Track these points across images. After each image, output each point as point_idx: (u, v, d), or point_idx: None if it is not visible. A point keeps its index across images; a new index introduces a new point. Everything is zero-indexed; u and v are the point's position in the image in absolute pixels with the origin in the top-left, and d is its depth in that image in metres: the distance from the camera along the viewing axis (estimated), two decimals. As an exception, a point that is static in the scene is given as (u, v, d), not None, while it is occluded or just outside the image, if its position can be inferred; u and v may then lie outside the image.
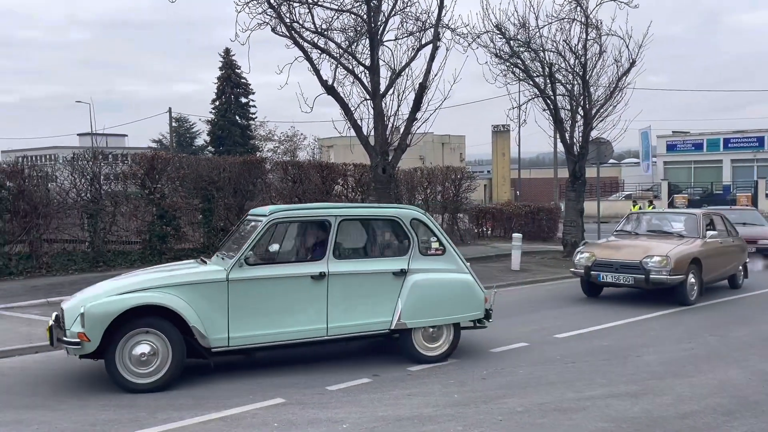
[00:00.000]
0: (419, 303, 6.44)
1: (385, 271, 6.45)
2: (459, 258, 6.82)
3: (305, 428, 4.77)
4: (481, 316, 6.79)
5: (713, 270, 10.34)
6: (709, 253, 10.15)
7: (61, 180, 11.98)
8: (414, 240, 6.58)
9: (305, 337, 6.15)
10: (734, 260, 11.31)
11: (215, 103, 49.48)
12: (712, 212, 11.77)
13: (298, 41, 11.45)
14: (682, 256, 9.59)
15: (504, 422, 4.87)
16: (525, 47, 15.26)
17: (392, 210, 6.84)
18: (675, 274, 9.38)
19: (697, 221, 10.65)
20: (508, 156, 44.03)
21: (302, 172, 15.63)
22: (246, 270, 5.96)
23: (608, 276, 9.81)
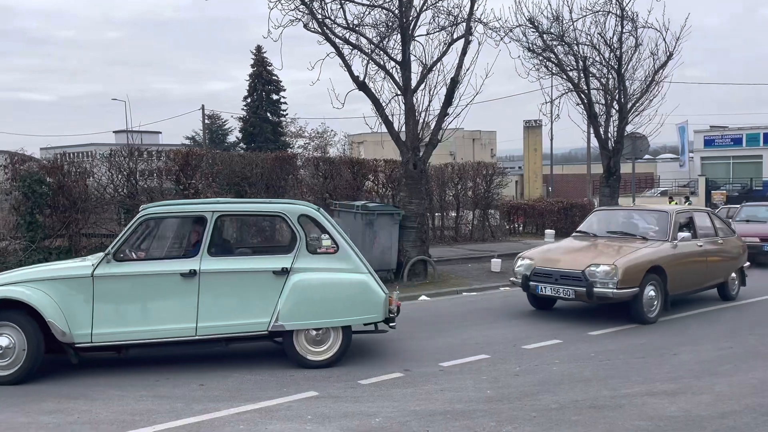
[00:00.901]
0: (300, 304, 6.07)
1: (264, 269, 6.12)
2: (356, 257, 6.38)
3: (338, 421, 4.80)
4: (379, 319, 6.29)
5: (685, 279, 8.79)
6: (679, 260, 8.62)
7: (99, 176, 12.25)
8: (301, 237, 6.24)
9: (173, 337, 5.96)
10: (723, 266, 9.64)
11: (247, 100, 49.91)
12: (695, 210, 10.12)
13: (330, 37, 11.48)
14: (634, 264, 8.02)
15: (538, 419, 4.83)
16: (558, 41, 15.03)
17: (278, 206, 6.51)
18: (624, 287, 7.80)
19: (666, 221, 8.99)
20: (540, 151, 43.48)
21: (333, 168, 15.70)
22: (113, 266, 5.90)
23: (547, 288, 8.39)
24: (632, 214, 9.87)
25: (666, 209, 9.50)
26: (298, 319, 6.09)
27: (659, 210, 9.61)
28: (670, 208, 9.54)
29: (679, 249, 8.70)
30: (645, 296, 8.12)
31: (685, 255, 8.78)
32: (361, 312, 6.27)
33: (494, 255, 13.68)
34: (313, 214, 6.41)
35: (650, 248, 8.49)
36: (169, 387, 5.64)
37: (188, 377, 5.91)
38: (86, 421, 4.79)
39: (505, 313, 9.08)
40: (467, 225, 18.59)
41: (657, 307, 8.28)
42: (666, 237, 8.78)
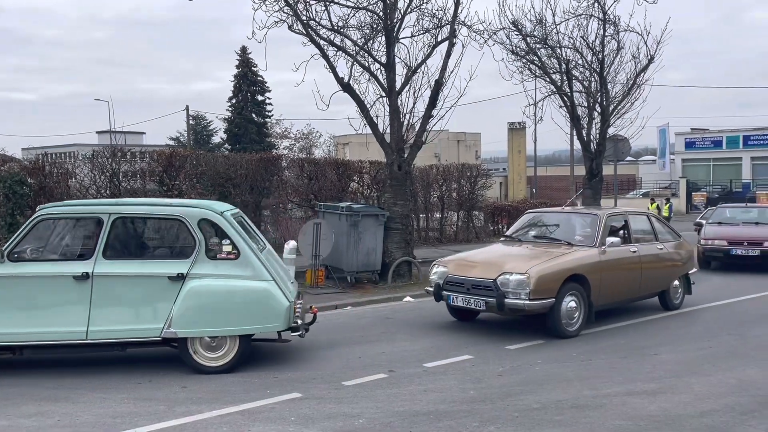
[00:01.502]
0: (194, 311, 5.93)
1: (160, 274, 5.97)
2: (259, 264, 6.14)
3: (322, 422, 4.81)
4: (279, 328, 6.10)
5: (615, 288, 8.14)
6: (608, 267, 7.95)
7: (81, 177, 12.14)
8: (200, 242, 6.06)
9: (63, 340, 5.88)
10: (662, 273, 9.00)
11: (232, 101, 49.75)
12: (632, 213, 9.36)
13: (315, 39, 11.47)
14: (550, 272, 7.35)
15: (520, 419, 4.87)
16: (541, 44, 15.14)
17: (177, 209, 6.28)
18: (538, 298, 7.16)
19: (595, 225, 8.30)
20: (524, 153, 43.77)
21: (318, 170, 15.68)
22: (7, 267, 5.87)
23: (459, 298, 7.73)
24: (562, 218, 9.13)
25: (597, 212, 8.70)
26: (191, 326, 5.94)
27: (589, 213, 8.88)
28: (601, 211, 8.75)
29: (608, 255, 8.01)
30: (563, 308, 7.42)
31: (614, 262, 8.09)
32: (258, 321, 6.07)
33: (478, 256, 13.73)
34: (214, 218, 6.17)
35: (572, 255, 7.83)
36: (151, 389, 5.62)
37: (171, 379, 5.89)
38: (67, 424, 4.75)
39: (489, 314, 9.11)
40: (452, 226, 18.66)
41: (579, 319, 7.56)
42: (593, 242, 8.08)
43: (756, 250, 13.28)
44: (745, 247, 13.42)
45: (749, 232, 13.87)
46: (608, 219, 8.50)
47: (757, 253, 13.24)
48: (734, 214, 15.35)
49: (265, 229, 15.22)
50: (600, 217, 8.43)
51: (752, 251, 13.32)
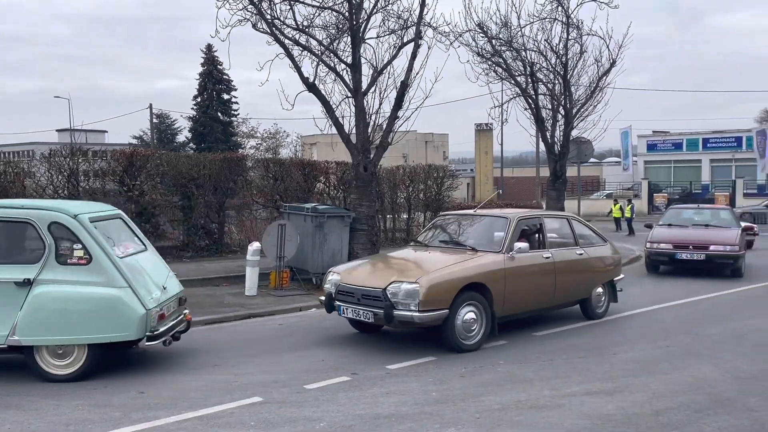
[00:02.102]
0: (38, 318, 5.71)
1: (6, 279, 5.74)
2: (114, 270, 5.88)
3: (282, 427, 4.75)
4: (132, 337, 5.84)
5: (524, 297, 7.59)
6: (515, 275, 7.37)
7: (38, 176, 11.81)
8: (50, 246, 5.83)
9: None
10: (582, 280, 8.45)
11: (197, 100, 49.07)
12: (549, 215, 8.93)
13: (279, 38, 11.36)
14: (443, 281, 6.74)
15: (481, 420, 4.90)
16: (507, 46, 15.31)
17: (26, 211, 5.98)
18: (428, 309, 6.55)
19: (504, 229, 7.72)
20: (491, 154, 44.23)
21: (284, 170, 15.56)
22: None
23: (349, 309, 7.10)
24: (474, 222, 8.44)
25: (507, 215, 8.08)
26: (35, 334, 5.72)
27: (499, 216, 8.18)
28: (512, 214, 8.13)
29: (516, 262, 7.43)
30: (459, 320, 6.83)
31: (522, 269, 7.50)
32: (107, 329, 5.81)
33: (444, 257, 13.78)
34: (66, 221, 5.90)
35: (473, 262, 7.22)
36: (107, 395, 5.48)
37: (128, 385, 5.76)
38: (17, 432, 4.61)
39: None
40: (419, 227, 18.71)
41: (479, 332, 7.00)
42: (500, 248, 7.48)
43: (701, 255, 12.71)
44: (690, 251, 12.84)
45: (696, 235, 13.31)
46: (519, 223, 7.91)
47: (702, 258, 12.70)
48: (686, 215, 14.81)
49: (229, 230, 15.05)
50: (510, 220, 7.82)
51: (698, 255, 12.74)
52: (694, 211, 15.09)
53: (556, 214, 9.77)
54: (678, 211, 15.31)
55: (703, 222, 14.08)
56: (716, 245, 12.76)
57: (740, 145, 43.62)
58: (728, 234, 13.19)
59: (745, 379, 6.00)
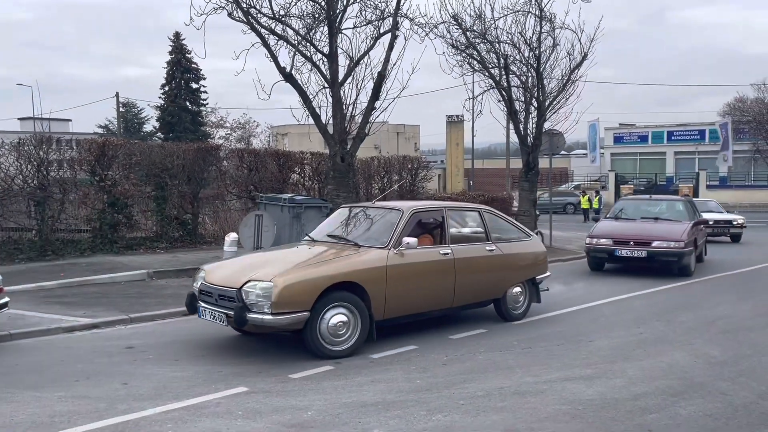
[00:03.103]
0: None
1: None
2: None
3: (270, 416, 4.77)
4: None
5: (411, 298, 6.87)
6: (399, 273, 6.66)
7: (6, 166, 11.51)
8: None
9: None
10: (491, 278, 7.71)
11: (165, 89, 48.24)
12: (453, 208, 8.01)
13: (255, 27, 11.28)
14: (303, 281, 6.07)
15: (466, 406, 4.99)
16: (481, 38, 15.44)
17: None
18: (283, 312, 5.91)
19: (393, 222, 7.03)
20: (461, 146, 44.51)
21: (258, 160, 15.46)
22: None
23: (207, 311, 6.42)
24: (368, 214, 7.67)
25: (400, 207, 7.37)
26: None
27: (392, 209, 7.43)
28: (406, 206, 7.39)
29: (405, 259, 6.76)
30: (324, 324, 6.16)
31: (412, 267, 6.82)
32: None
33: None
34: None
35: (346, 259, 6.56)
36: (90, 386, 5.42)
37: (111, 376, 5.70)
38: (1, 424, 4.53)
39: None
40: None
41: (351, 337, 6.33)
42: (385, 243, 6.79)
43: (642, 251, 11.54)
44: (630, 247, 11.70)
45: (639, 229, 12.14)
46: (413, 216, 7.21)
47: (643, 255, 11.54)
48: (636, 207, 13.53)
49: (203, 221, 14.90)
50: (402, 213, 7.11)
51: (638, 252, 11.58)
52: (646, 203, 13.87)
53: (465, 206, 8.75)
54: (628, 203, 14.05)
55: (655, 215, 12.97)
56: (660, 241, 11.58)
57: (703, 138, 44.82)
58: (675, 229, 11.95)
59: (715, 364, 6.23)
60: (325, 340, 6.22)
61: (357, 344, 6.41)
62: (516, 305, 8.15)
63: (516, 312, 8.13)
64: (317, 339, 6.18)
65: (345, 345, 6.33)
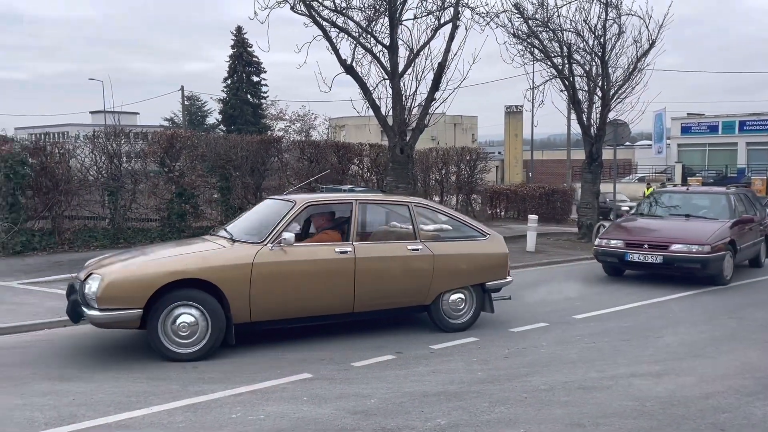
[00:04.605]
0: None
1: None
2: None
3: (335, 402, 4.87)
4: None
5: (289, 300, 6.24)
6: (271, 272, 6.08)
7: (82, 157, 12.09)
8: None
9: None
10: (417, 283, 6.84)
11: (227, 82, 49.44)
12: (376, 201, 7.24)
13: (317, 20, 11.42)
14: (132, 276, 5.69)
15: (529, 399, 4.95)
16: (543, 27, 15.14)
17: None
18: (109, 308, 5.55)
19: (281, 215, 6.41)
20: (520, 137, 43.79)
21: (319, 152, 15.67)
22: None
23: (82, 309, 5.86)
24: (267, 207, 7.13)
25: (295, 198, 6.67)
26: None
27: (285, 200, 6.81)
28: (301, 198, 6.68)
29: (286, 256, 6.18)
30: (169, 323, 5.76)
31: (290, 265, 6.19)
32: None
33: (478, 239, 13.80)
34: None
35: (199, 254, 6.15)
36: (163, 369, 5.65)
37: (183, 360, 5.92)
38: (83, 402, 4.79)
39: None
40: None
41: (200, 339, 5.86)
42: (262, 238, 6.22)
43: (658, 256, 9.80)
44: (644, 251, 9.97)
45: (661, 229, 10.47)
46: (306, 209, 6.61)
47: (658, 260, 9.82)
48: (669, 201, 11.71)
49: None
50: (294, 205, 6.49)
51: (653, 257, 9.85)
52: (681, 197, 11.98)
53: (390, 199, 7.63)
54: (661, 197, 12.14)
55: (686, 211, 11.14)
56: (680, 244, 9.78)
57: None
58: (704, 229, 10.14)
59: (793, 364, 5.95)
60: (170, 340, 5.79)
61: (209, 347, 5.87)
62: (455, 314, 7.11)
63: (455, 322, 7.08)
64: (158, 339, 5.75)
65: (194, 347, 5.83)
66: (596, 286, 10.27)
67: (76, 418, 4.48)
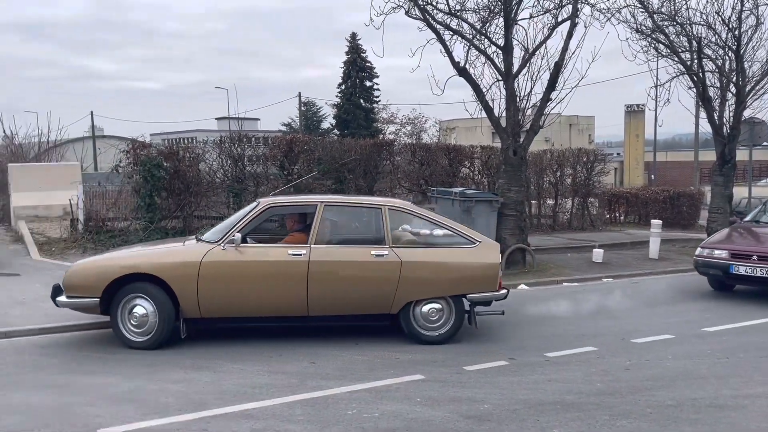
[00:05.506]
0: None
1: None
2: None
3: (447, 405, 4.87)
4: None
5: (235, 299, 6.38)
6: (219, 271, 6.30)
7: (210, 161, 12.92)
8: None
9: None
10: (380, 291, 6.53)
11: (341, 87, 50.81)
12: (331, 203, 6.85)
13: (431, 23, 11.46)
14: (92, 267, 6.50)
15: (654, 415, 4.69)
16: (670, 21, 14.25)
17: None
18: (73, 296, 6.35)
19: (241, 216, 6.71)
20: (642, 137, 41.53)
21: (429, 155, 15.73)
22: None
23: None
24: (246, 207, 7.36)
25: (262, 200, 6.93)
26: None
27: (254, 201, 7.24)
28: (265, 200, 6.90)
29: (239, 257, 6.34)
30: (126, 312, 6.30)
31: (239, 265, 6.34)
32: None
33: (595, 245, 13.28)
34: None
35: (155, 252, 6.78)
36: (283, 363, 5.92)
37: (299, 354, 6.18)
38: (212, 391, 5.13)
39: (610, 305, 8.81)
40: (565, 213, 18.10)
41: (150, 329, 6.27)
42: (218, 238, 6.50)
43: (766, 269, 8.71)
44: (752, 263, 8.81)
45: None
46: (267, 210, 6.71)
47: (766, 274, 8.73)
48: None
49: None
50: (255, 206, 6.73)
51: (762, 270, 8.70)
52: None
53: (361, 202, 7.23)
54: None
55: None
56: None
57: None
58: None
59: None
60: (126, 329, 6.35)
61: (157, 338, 6.29)
62: (430, 325, 6.66)
63: (428, 334, 6.64)
64: (117, 327, 6.36)
65: (145, 337, 6.32)
66: (727, 297, 9.51)
67: (206, 405, 4.80)
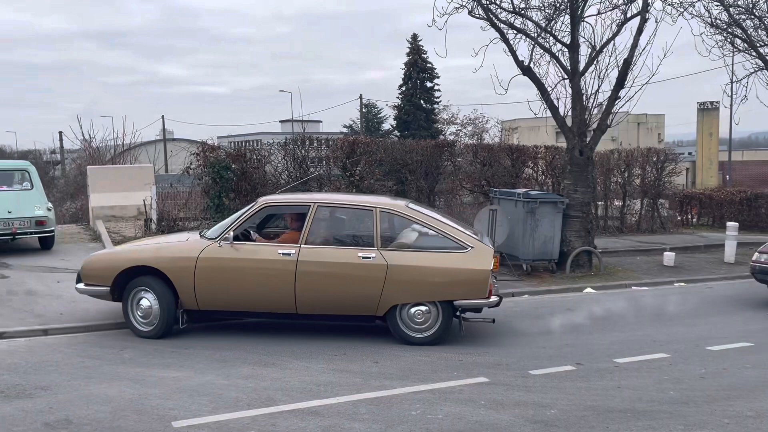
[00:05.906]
0: None
1: None
2: None
3: (512, 409, 4.80)
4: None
5: (228, 294, 6.66)
6: (213, 266, 6.62)
7: (275, 163, 13.19)
8: None
9: None
10: (364, 292, 6.52)
11: (402, 89, 50.86)
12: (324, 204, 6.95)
13: (495, 22, 11.33)
14: (103, 259, 7.10)
15: (731, 426, 4.48)
16: (747, 14, 13.59)
17: None
18: (88, 284, 6.94)
19: (239, 215, 7.01)
20: (716, 136, 39.64)
21: (492, 155, 15.53)
22: None
23: None
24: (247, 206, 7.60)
25: (261, 199, 7.12)
26: None
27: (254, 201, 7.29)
28: (262, 199, 7.12)
29: (233, 253, 6.60)
30: (134, 302, 6.73)
31: (232, 261, 6.59)
32: None
33: (666, 248, 12.80)
34: None
35: (158, 245, 7.30)
36: (347, 362, 5.99)
37: (363, 354, 6.23)
38: (279, 387, 5.24)
39: (684, 310, 8.48)
40: (633, 215, 17.51)
41: (154, 320, 6.67)
42: (216, 235, 6.83)
43: None
44: None
45: None
46: (263, 209, 6.95)
47: None
48: None
49: (439, 214, 15.43)
50: (253, 205, 6.97)
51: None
52: None
53: (355, 203, 7.18)
54: None
55: None
56: None
57: None
58: None
59: None
60: (135, 319, 6.78)
61: (160, 328, 6.67)
62: (417, 327, 6.62)
63: (415, 335, 6.60)
64: (129, 316, 6.80)
65: (149, 327, 6.72)
66: (813, 304, 8.98)
67: (274, 401, 4.91)
